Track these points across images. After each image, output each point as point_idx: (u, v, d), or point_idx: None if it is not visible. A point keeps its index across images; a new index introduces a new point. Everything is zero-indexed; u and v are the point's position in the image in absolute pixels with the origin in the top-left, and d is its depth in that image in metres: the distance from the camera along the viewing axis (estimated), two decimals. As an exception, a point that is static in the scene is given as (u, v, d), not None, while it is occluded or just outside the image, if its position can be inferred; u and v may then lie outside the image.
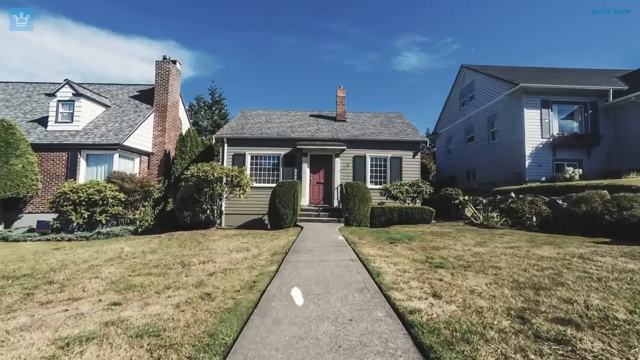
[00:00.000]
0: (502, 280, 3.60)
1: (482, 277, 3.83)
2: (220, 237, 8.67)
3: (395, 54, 78.43)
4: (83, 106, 13.16)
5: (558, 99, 13.77)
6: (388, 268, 4.36)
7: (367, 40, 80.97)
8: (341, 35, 79.69)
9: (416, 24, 76.11)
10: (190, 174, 11.29)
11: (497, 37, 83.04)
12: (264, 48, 73.00)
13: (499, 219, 10.12)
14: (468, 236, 7.85)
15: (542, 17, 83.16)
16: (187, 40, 64.02)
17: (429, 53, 77.71)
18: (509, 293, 3.14)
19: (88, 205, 10.96)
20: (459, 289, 3.32)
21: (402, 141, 13.63)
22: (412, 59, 77.23)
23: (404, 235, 8.17)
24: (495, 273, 3.97)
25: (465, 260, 4.88)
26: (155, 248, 7.08)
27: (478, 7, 76.78)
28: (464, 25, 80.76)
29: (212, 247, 6.87)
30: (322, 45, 79.50)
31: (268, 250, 6.18)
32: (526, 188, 11.86)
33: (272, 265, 4.81)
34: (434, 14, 75.76)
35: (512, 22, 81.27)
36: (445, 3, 75.20)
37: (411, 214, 11.55)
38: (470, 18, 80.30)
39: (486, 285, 3.46)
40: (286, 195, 10.95)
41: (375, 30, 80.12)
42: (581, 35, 78.27)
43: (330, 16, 75.31)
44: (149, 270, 4.92)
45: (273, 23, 71.75)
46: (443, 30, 79.82)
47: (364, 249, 6.07)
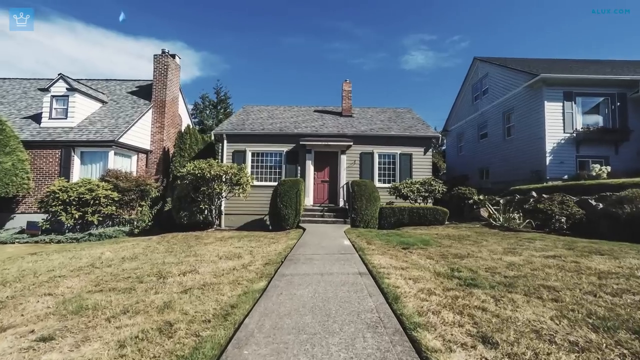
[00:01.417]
0: (571, 312, 2.56)
1: (538, 304, 2.80)
2: (215, 240, 7.76)
3: (403, 52, 76.99)
4: (77, 101, 12.42)
5: (582, 91, 12.51)
6: (407, 287, 3.36)
7: (374, 39, 79.69)
8: (348, 35, 78.60)
9: (423, 22, 74.48)
10: (186, 171, 10.43)
11: (505, 35, 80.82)
12: (270, 48, 72.37)
13: (521, 220, 9.01)
14: (491, 241, 6.78)
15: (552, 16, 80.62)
16: (194, 40, 63.72)
17: (436, 51, 76.00)
18: (595, 339, 2.11)
19: (79, 205, 10.17)
20: (516, 328, 2.30)
21: (412, 137, 12.55)
22: (419, 58, 75.63)
23: (417, 239, 7.14)
24: (554, 298, 2.92)
25: (501, 275, 3.84)
26: (139, 254, 6.19)
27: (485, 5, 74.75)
28: (472, 23, 78.79)
29: (201, 253, 5.95)
30: (329, 44, 78.52)
31: (262, 258, 5.22)
32: (550, 187, 10.68)
33: (261, 280, 3.84)
34: (441, 11, 74.01)
35: (521, 20, 78.97)
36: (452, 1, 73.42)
37: (423, 215, 10.49)
38: (478, 16, 78.29)
39: (552, 320, 2.43)
40: (288, 195, 10.01)
41: (382, 29, 78.78)
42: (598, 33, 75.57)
43: (337, 15, 74.23)
44: (115, 284, 4.01)
45: (280, 23, 71.03)
46: (450, 28, 77.99)
47: (374, 257, 5.07)
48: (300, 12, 67.98)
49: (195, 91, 56.21)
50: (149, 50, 67.34)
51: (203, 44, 64.87)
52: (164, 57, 14.03)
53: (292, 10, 67.77)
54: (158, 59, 14.01)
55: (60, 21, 61.33)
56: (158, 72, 14.01)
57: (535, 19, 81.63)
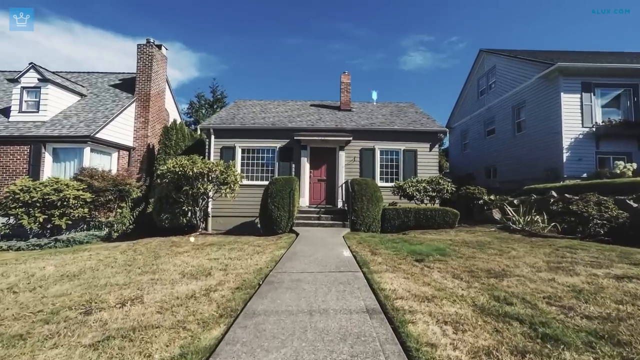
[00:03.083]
0: None
1: None
2: (191, 249, 6.42)
3: (401, 53, 75.57)
4: (51, 93, 11.05)
5: (601, 81, 11.22)
6: (449, 344, 2.02)
7: (373, 40, 78.27)
8: (347, 36, 77.21)
9: (421, 23, 73.27)
10: (166, 169, 9.10)
11: (504, 38, 79.78)
12: (269, 48, 70.95)
13: (545, 223, 7.70)
14: (520, 250, 5.46)
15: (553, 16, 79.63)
16: (192, 41, 62.22)
17: (434, 52, 74.72)
18: None
19: (44, 207, 8.81)
20: None
21: (417, 131, 11.22)
22: (417, 59, 74.28)
23: (431, 248, 5.81)
24: None
25: (578, 313, 2.51)
26: (87, 268, 4.84)
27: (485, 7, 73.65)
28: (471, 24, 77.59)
29: (164, 268, 4.60)
30: (328, 45, 77.10)
31: (235, 278, 3.88)
32: (572, 186, 9.38)
33: (218, 324, 2.49)
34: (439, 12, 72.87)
35: (521, 20, 77.91)
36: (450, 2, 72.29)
37: (431, 217, 9.16)
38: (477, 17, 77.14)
39: None
40: (280, 195, 8.68)
41: (380, 30, 77.43)
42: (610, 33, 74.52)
43: (336, 16, 72.93)
44: (7, 326, 2.66)
45: (279, 24, 69.68)
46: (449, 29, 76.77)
47: (385, 276, 3.74)
48: (298, 12, 66.69)
49: (193, 92, 54.72)
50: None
51: (200, 45, 63.45)
52: (149, 46, 12.68)
53: (291, 12, 66.52)
54: (142, 49, 12.66)
55: (59, 22, 59.86)
56: (142, 63, 12.66)
57: (536, 20, 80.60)
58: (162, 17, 61.58)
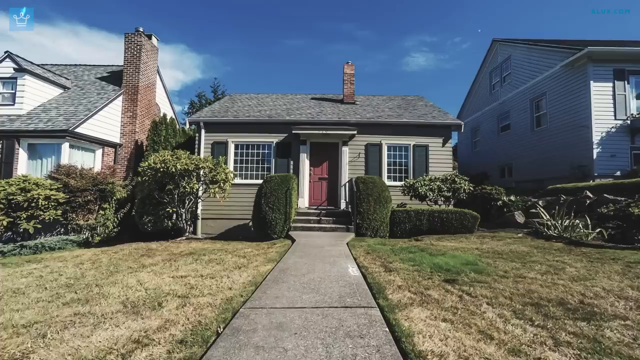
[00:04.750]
0: None
1: None
2: (162, 260, 5.14)
3: (404, 54, 73.90)
4: (28, 85, 9.88)
5: (637, 68, 9.77)
6: None
7: (375, 41, 76.73)
8: (350, 37, 75.80)
9: (424, 24, 71.67)
10: (147, 165, 7.87)
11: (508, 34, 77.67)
12: (272, 50, 69.75)
13: (588, 229, 6.30)
14: (576, 264, 4.10)
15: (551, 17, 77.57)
16: (196, 43, 61.23)
17: (437, 53, 72.97)
18: None
19: (9, 208, 7.60)
20: None
21: (428, 124, 9.85)
22: (420, 59, 72.54)
23: (458, 261, 4.46)
24: None
25: None
26: (10, 290, 3.57)
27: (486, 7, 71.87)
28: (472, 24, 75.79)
29: (108, 293, 3.32)
30: (330, 46, 75.71)
31: (190, 315, 2.57)
32: (611, 185, 7.96)
33: None
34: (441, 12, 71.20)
35: (522, 20, 75.97)
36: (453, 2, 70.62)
37: (447, 220, 7.81)
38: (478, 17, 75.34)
39: None
40: (275, 194, 7.39)
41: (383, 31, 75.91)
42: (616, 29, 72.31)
43: (339, 17, 71.58)
44: None
45: (282, 25, 68.50)
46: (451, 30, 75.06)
47: (415, 319, 2.40)
48: (301, 13, 65.47)
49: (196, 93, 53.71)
50: (154, 54, 64.94)
51: (204, 47, 62.45)
52: (137, 35, 11.48)
53: (294, 13, 65.34)
54: (130, 38, 11.46)
55: (64, 25, 59.37)
56: (130, 54, 11.45)
57: (536, 22, 78.66)
58: (167, 20, 60.77)
